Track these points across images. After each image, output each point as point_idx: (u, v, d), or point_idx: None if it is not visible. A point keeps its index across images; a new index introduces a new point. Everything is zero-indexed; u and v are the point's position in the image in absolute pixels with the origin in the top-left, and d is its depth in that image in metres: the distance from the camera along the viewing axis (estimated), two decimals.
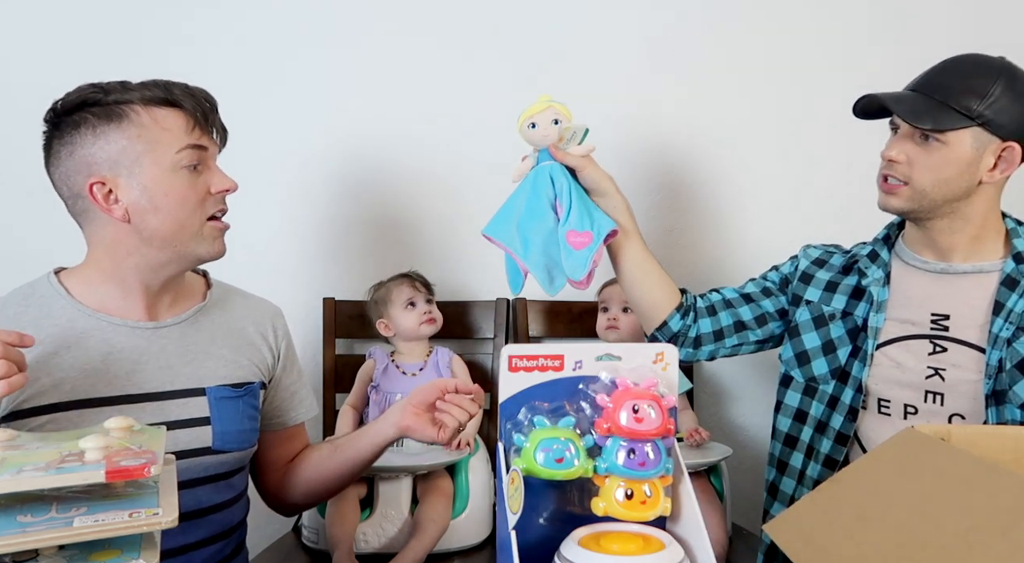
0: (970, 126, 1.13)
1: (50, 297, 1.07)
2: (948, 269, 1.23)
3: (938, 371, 1.19)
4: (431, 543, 1.40)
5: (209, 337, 1.16)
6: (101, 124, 1.03)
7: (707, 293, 1.39)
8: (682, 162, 1.89)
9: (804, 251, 1.42)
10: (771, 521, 0.81)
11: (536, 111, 1.18)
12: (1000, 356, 1.14)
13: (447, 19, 1.86)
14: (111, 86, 1.06)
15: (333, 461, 1.23)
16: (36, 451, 0.71)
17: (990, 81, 1.13)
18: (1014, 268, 1.18)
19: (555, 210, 1.19)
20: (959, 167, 1.15)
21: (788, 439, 1.34)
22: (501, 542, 0.83)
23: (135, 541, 0.70)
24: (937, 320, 1.21)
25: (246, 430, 1.17)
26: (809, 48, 1.84)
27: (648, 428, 0.82)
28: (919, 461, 0.76)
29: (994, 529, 0.62)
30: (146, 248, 1.07)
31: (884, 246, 1.31)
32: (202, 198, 1.08)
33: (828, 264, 1.36)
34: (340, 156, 1.88)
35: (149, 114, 1.05)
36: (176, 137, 1.05)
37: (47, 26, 1.84)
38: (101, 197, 1.04)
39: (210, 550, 1.14)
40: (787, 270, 1.41)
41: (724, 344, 1.35)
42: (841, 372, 1.27)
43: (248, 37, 1.86)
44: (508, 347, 0.86)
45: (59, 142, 1.05)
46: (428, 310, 1.66)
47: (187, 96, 1.07)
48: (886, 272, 1.28)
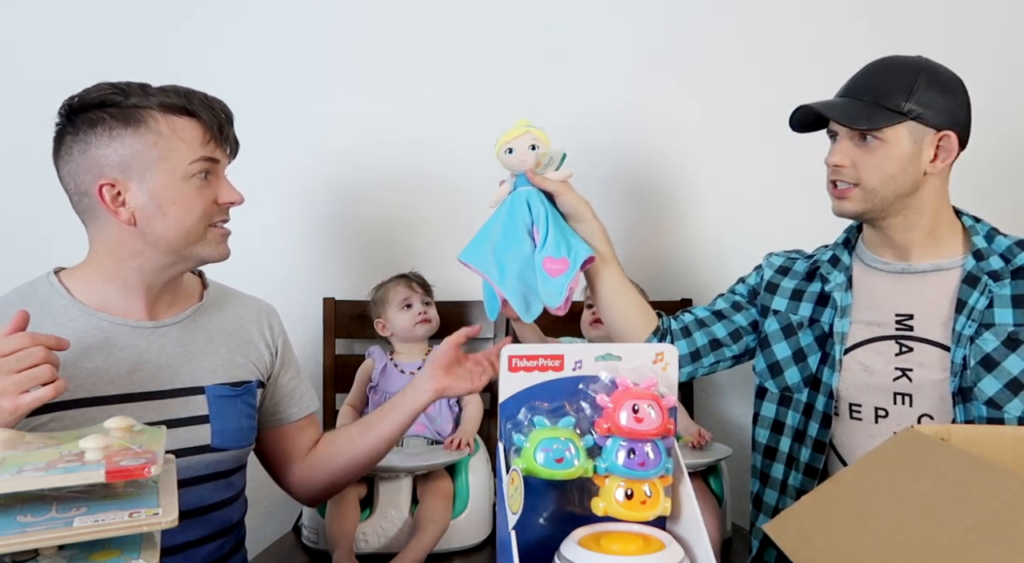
0: (903, 121, 1.17)
1: (50, 297, 1.08)
2: (908, 269, 1.24)
3: (905, 372, 1.20)
4: (431, 543, 1.40)
5: (207, 337, 1.17)
6: (118, 126, 1.04)
7: (679, 314, 1.39)
8: (681, 162, 1.89)
9: (767, 260, 1.42)
10: (771, 521, 0.82)
11: (513, 136, 1.18)
12: (964, 354, 1.15)
13: (447, 19, 1.86)
14: (131, 89, 1.06)
15: (365, 440, 1.23)
16: (36, 451, 0.71)
17: (912, 78, 1.18)
18: (974, 265, 1.20)
19: (532, 236, 1.19)
20: (902, 162, 1.18)
21: (767, 450, 1.34)
22: (501, 542, 0.83)
23: (135, 541, 0.70)
24: (901, 320, 1.22)
25: (244, 428, 1.18)
26: (809, 48, 1.85)
27: (648, 428, 0.82)
28: (919, 461, 0.76)
29: (994, 529, 0.62)
30: (150, 251, 1.08)
31: (844, 250, 1.33)
32: (208, 207, 1.09)
33: (792, 271, 1.36)
34: (341, 156, 1.88)
35: (167, 122, 1.05)
36: (191, 148, 1.06)
37: (42, 24, 1.84)
38: (109, 199, 1.04)
39: (209, 547, 1.14)
40: (753, 281, 1.41)
41: (702, 363, 1.36)
42: (813, 380, 1.27)
43: (247, 36, 1.85)
44: (508, 347, 0.86)
45: (72, 138, 1.05)
46: (423, 311, 1.66)
47: (205, 107, 1.08)
48: (848, 276, 1.29)
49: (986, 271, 1.18)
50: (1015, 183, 1.85)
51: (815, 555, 0.71)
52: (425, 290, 1.71)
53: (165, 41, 1.83)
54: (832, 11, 1.86)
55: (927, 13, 1.85)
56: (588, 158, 1.88)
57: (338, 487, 1.31)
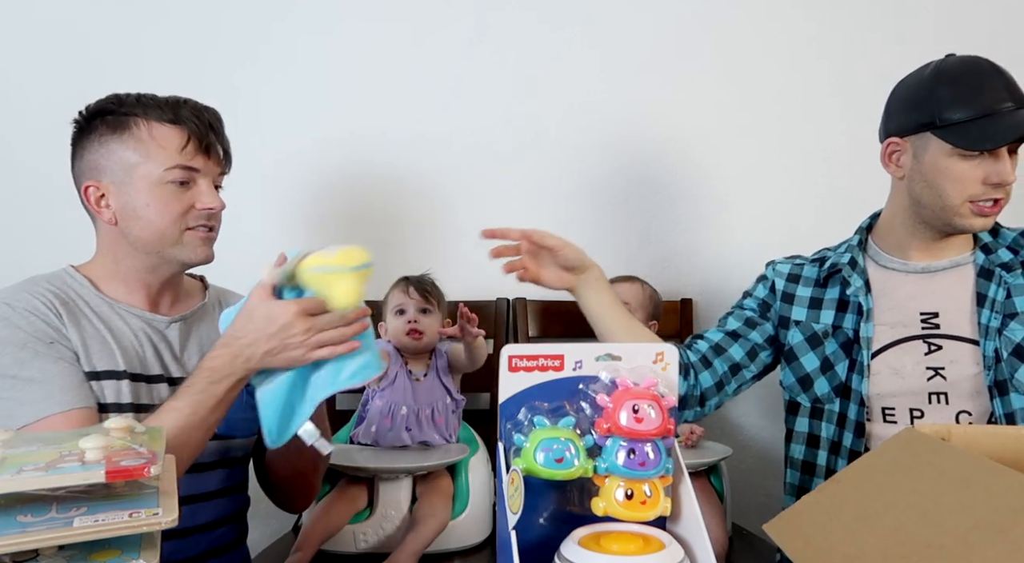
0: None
1: (76, 286, 1.13)
2: (928, 267, 1.25)
3: (938, 371, 1.19)
4: (430, 537, 1.38)
5: (208, 333, 1.21)
6: (107, 133, 1.10)
7: (691, 343, 1.36)
8: (681, 162, 1.89)
9: (773, 269, 1.40)
10: (771, 521, 0.81)
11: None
12: (995, 346, 1.15)
13: (446, 19, 1.87)
14: (128, 98, 1.12)
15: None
16: (36, 451, 0.70)
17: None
18: (985, 259, 1.21)
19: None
20: None
21: (805, 466, 1.31)
22: (501, 542, 0.83)
23: (135, 541, 0.69)
24: (927, 318, 1.21)
25: (248, 418, 1.19)
26: (809, 48, 1.85)
27: (648, 428, 0.82)
28: (919, 461, 0.76)
29: (994, 529, 0.61)
30: (135, 251, 1.13)
31: (860, 252, 1.32)
32: (184, 211, 1.12)
33: (803, 277, 1.35)
34: (342, 156, 1.88)
35: (149, 129, 1.10)
36: (169, 155, 1.10)
37: (39, 28, 1.84)
38: (94, 200, 1.11)
39: (216, 534, 1.20)
40: (762, 293, 1.39)
41: (726, 392, 1.34)
42: (844, 388, 1.25)
43: (247, 36, 1.86)
44: (508, 347, 0.86)
45: (77, 144, 1.13)
46: (415, 320, 1.53)
47: (192, 117, 1.12)
48: (865, 279, 1.28)
49: (997, 263, 1.19)
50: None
51: (815, 555, 0.71)
52: (424, 297, 1.55)
53: (167, 41, 1.84)
54: (832, 12, 1.85)
55: (927, 13, 1.85)
56: (590, 159, 1.88)
57: (298, 490, 1.30)
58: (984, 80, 1.17)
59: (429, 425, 1.51)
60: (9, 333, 1.01)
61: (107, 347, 1.08)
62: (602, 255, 1.28)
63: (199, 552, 1.16)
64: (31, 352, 1.00)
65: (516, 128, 1.86)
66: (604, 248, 1.87)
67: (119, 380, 1.07)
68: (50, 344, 1.02)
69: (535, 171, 1.88)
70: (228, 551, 1.23)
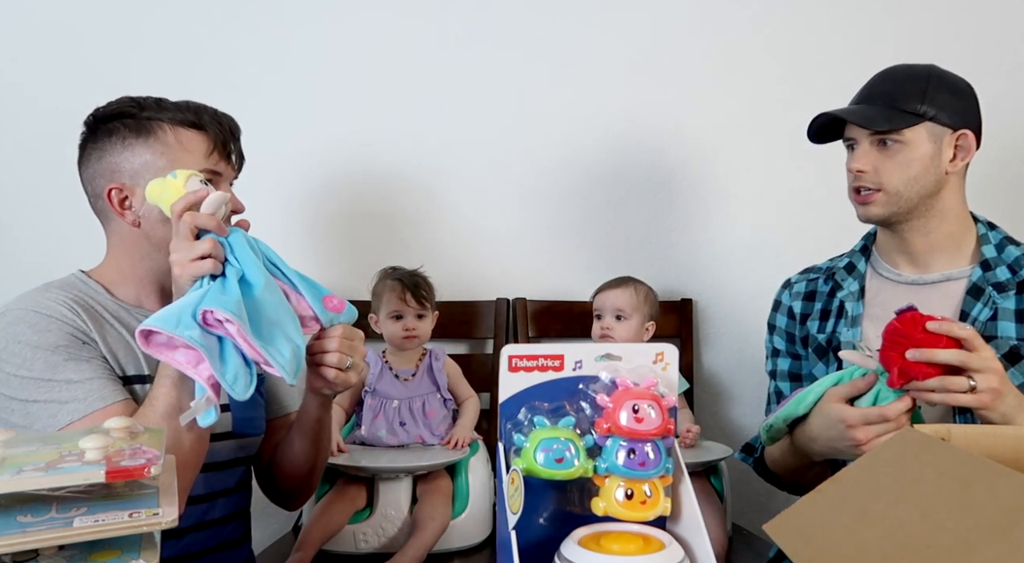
0: (921, 122, 1.20)
1: (91, 292, 1.13)
2: (919, 280, 1.25)
3: None
4: (431, 541, 1.39)
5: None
6: (131, 136, 1.11)
7: (769, 419, 1.26)
8: (682, 163, 1.89)
9: (788, 292, 1.40)
10: (771, 521, 0.81)
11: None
12: None
13: (446, 18, 1.87)
14: (147, 103, 1.14)
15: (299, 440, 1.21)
16: (36, 451, 0.70)
17: (922, 82, 1.22)
18: (980, 276, 1.20)
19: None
20: (923, 162, 1.21)
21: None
22: (501, 542, 0.83)
23: (135, 541, 0.70)
24: None
25: (259, 417, 1.25)
26: (809, 48, 1.85)
27: (648, 428, 0.82)
28: (919, 461, 0.76)
29: (994, 529, 0.61)
30: (156, 253, 1.13)
31: (861, 257, 1.33)
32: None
33: (818, 293, 1.36)
34: (341, 155, 1.88)
35: (175, 134, 1.12)
36: (195, 159, 1.12)
37: (35, 28, 1.84)
38: (117, 202, 1.12)
39: (229, 528, 1.23)
40: (783, 324, 1.40)
41: None
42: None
43: (247, 37, 1.86)
44: (508, 347, 0.86)
45: (92, 145, 1.13)
46: (413, 327, 1.57)
47: (214, 122, 1.14)
48: (861, 285, 1.29)
49: (991, 282, 1.19)
50: (1015, 183, 1.85)
51: (815, 555, 0.71)
52: (420, 302, 1.58)
53: (164, 42, 1.84)
54: (832, 12, 1.86)
55: (928, 13, 1.85)
56: (589, 158, 1.89)
57: (296, 488, 1.29)
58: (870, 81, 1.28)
59: (420, 416, 1.54)
60: (40, 338, 1.02)
61: (132, 352, 1.09)
62: (602, 255, 1.28)
63: (213, 545, 1.19)
64: (63, 355, 1.01)
65: (516, 127, 1.86)
66: (604, 248, 1.88)
67: (145, 384, 1.08)
68: (83, 345, 1.04)
69: (535, 170, 1.88)
70: (236, 546, 1.25)
